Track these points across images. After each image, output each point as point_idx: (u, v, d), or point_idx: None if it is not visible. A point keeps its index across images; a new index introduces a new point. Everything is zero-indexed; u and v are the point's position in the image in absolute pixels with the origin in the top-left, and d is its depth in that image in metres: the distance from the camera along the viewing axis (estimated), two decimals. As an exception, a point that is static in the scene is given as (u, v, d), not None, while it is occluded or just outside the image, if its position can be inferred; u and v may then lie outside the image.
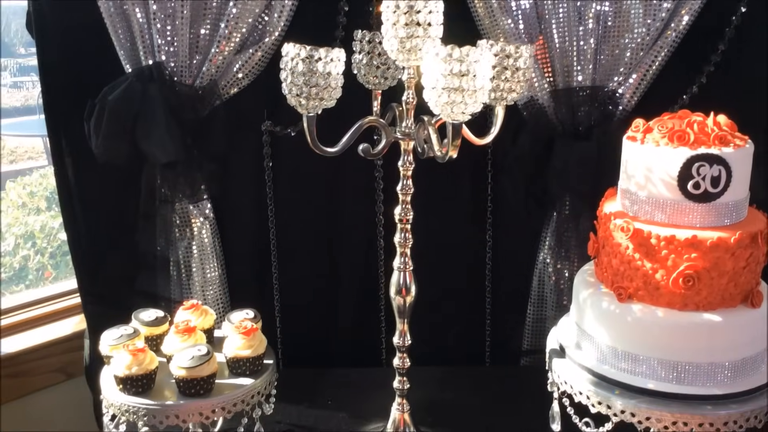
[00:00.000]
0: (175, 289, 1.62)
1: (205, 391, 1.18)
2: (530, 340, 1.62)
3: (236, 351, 1.22)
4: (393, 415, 1.29)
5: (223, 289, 1.62)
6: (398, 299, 1.22)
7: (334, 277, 1.65)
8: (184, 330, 1.24)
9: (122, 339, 1.24)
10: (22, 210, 2.66)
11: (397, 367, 1.26)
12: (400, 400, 1.28)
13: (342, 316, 1.67)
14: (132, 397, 1.18)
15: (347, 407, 1.46)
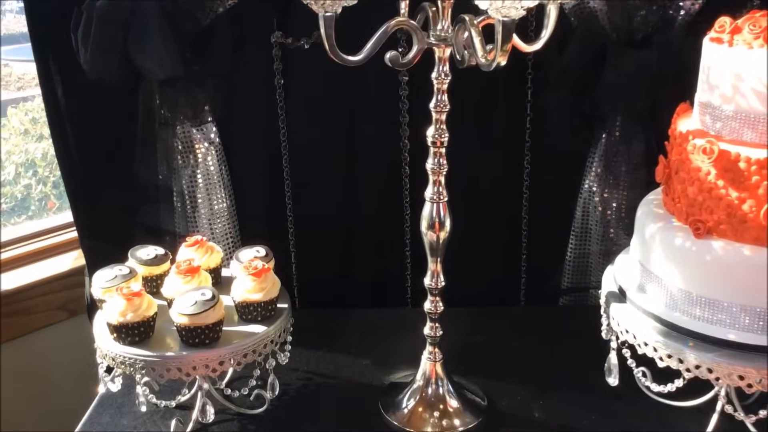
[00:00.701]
0: (180, 222, 1.47)
1: (211, 341, 1.03)
2: (571, 278, 1.47)
3: (246, 294, 1.07)
4: (423, 366, 1.14)
5: (232, 222, 1.47)
6: (430, 235, 1.05)
7: (354, 209, 1.49)
8: (186, 270, 1.08)
9: (116, 281, 1.09)
10: (24, 137, 2.54)
11: (429, 311, 1.11)
12: (432, 348, 1.13)
13: (363, 252, 1.52)
14: (128, 347, 1.03)
15: (370, 353, 1.32)
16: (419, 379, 1.16)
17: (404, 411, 1.15)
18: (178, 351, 1.02)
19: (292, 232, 1.53)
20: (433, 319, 1.12)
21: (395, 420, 1.14)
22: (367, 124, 1.43)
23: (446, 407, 1.12)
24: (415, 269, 1.52)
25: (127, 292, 1.02)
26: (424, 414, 1.12)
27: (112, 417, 1.16)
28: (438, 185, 1.05)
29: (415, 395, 1.15)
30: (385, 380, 1.24)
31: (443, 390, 1.13)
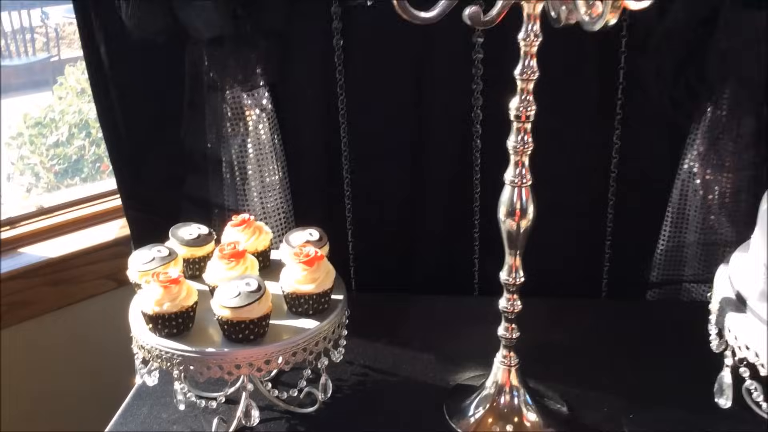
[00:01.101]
0: (229, 195, 1.35)
1: (256, 336, 0.91)
2: (662, 270, 1.30)
3: (296, 285, 0.94)
4: (496, 371, 1.01)
5: (285, 196, 1.34)
6: (509, 223, 0.91)
7: (418, 185, 1.34)
8: (230, 255, 0.96)
9: (154, 264, 0.98)
10: (81, 97, 2.48)
11: (504, 310, 0.96)
12: (506, 352, 0.99)
13: (427, 232, 1.37)
14: (164, 339, 0.92)
15: (434, 347, 1.19)
16: (490, 385, 1.02)
17: (470, 419, 1.01)
18: (219, 346, 0.90)
19: (350, 209, 1.40)
20: (509, 319, 0.98)
21: (460, 428, 1.01)
22: (435, 91, 1.28)
23: (522, 420, 0.99)
24: (483, 253, 1.38)
25: (165, 279, 0.91)
26: (495, 426, 0.99)
27: (150, 409, 1.06)
28: (521, 167, 0.90)
29: (485, 403, 1.01)
30: (451, 381, 1.11)
31: (518, 400, 0.99)
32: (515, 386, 1.00)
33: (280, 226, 1.35)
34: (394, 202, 1.37)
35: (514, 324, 0.98)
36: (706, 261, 1.25)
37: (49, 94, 2.42)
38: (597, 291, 1.38)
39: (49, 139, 2.36)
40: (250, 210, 1.33)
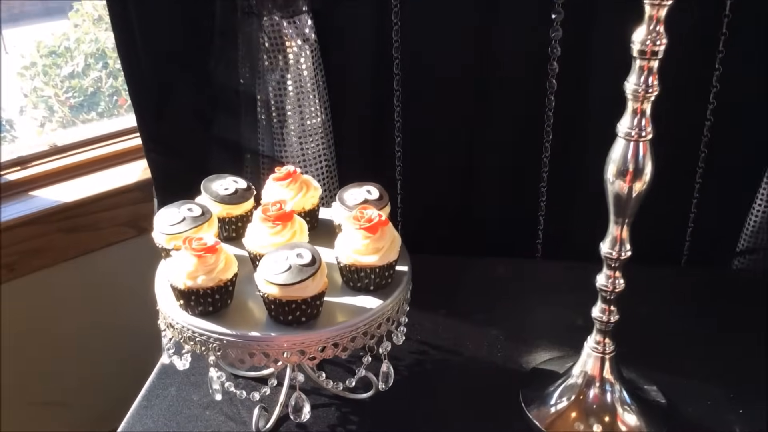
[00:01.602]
0: (264, 139, 1.19)
1: (308, 318, 0.76)
2: (754, 237, 1.13)
3: (355, 257, 0.78)
4: (586, 359, 0.86)
5: (327, 142, 1.18)
6: (619, 185, 0.74)
7: (479, 130, 1.18)
8: (276, 217, 0.80)
9: (183, 225, 0.82)
10: (98, 24, 2.29)
11: (603, 288, 0.81)
12: (600, 338, 0.83)
13: (487, 185, 1.21)
14: (198, 319, 0.76)
15: (500, 320, 1.03)
16: (577, 374, 0.86)
17: (550, 410, 0.87)
18: (264, 329, 0.75)
19: (400, 157, 1.23)
20: (607, 299, 0.82)
21: (538, 420, 0.86)
22: (504, 20, 1.09)
23: (615, 420, 0.84)
24: (550, 211, 1.21)
25: (199, 246, 0.75)
26: (579, 423, 0.84)
27: (178, 390, 0.92)
28: (640, 115, 0.72)
29: (570, 394, 0.86)
30: (523, 362, 0.96)
31: (612, 396, 0.85)
32: (608, 379, 0.85)
33: (322, 175, 1.18)
34: (450, 150, 1.20)
35: (614, 306, 0.82)
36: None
37: (65, 22, 2.25)
38: (677, 256, 1.21)
39: (63, 70, 2.20)
40: (289, 157, 1.17)
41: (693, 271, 1.18)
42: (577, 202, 1.19)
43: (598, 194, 0.79)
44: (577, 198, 1.19)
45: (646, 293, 1.04)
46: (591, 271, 0.82)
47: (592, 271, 0.82)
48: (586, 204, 0.97)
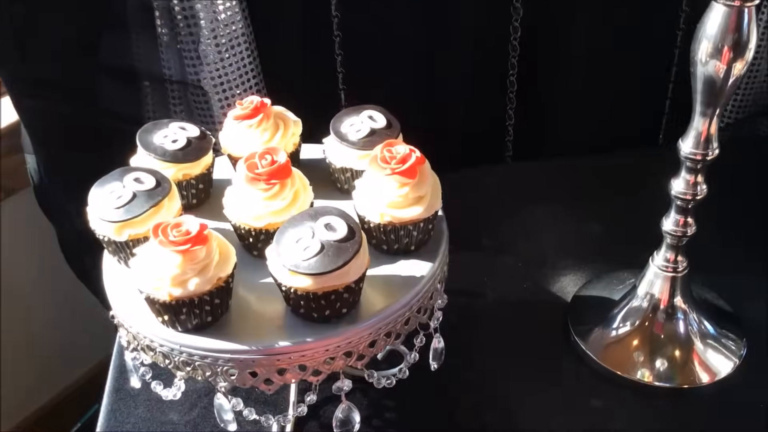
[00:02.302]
0: (168, 57, 0.93)
1: (350, 308, 0.55)
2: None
3: (393, 212, 0.58)
4: (653, 280, 0.71)
5: (252, 53, 0.93)
6: (714, 65, 0.58)
7: (437, 16, 0.95)
8: (270, 174, 0.57)
9: (139, 205, 0.58)
10: None
11: (680, 196, 0.66)
12: (672, 255, 0.69)
13: (449, 81, 1.02)
14: (195, 336, 0.54)
15: (507, 243, 0.87)
16: (642, 295, 0.72)
17: (608, 338, 0.73)
18: (293, 335, 0.54)
19: (342, 61, 1.01)
20: (684, 209, 0.67)
21: (593, 351, 0.72)
22: None
23: (687, 352, 0.71)
24: (520, 114, 1.05)
25: (180, 237, 0.51)
26: (641, 351, 0.71)
27: (150, 410, 0.70)
28: (749, -25, 0.54)
29: (633, 318, 0.73)
30: (558, 291, 0.80)
31: (684, 326, 0.71)
32: (679, 305, 0.71)
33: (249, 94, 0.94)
34: (403, 47, 0.99)
35: (691, 217, 0.67)
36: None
37: None
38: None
39: None
40: (206, 79, 0.92)
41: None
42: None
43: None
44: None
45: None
46: (574, 169, 0.65)
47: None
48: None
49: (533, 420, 0.68)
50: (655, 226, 0.70)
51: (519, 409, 0.69)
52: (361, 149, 0.64)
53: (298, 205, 0.59)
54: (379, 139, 0.64)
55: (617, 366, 0.71)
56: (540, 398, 0.70)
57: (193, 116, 1.02)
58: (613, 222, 0.90)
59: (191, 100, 1.00)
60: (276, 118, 0.67)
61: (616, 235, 0.88)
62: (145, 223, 0.58)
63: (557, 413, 0.68)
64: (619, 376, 0.70)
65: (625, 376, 0.70)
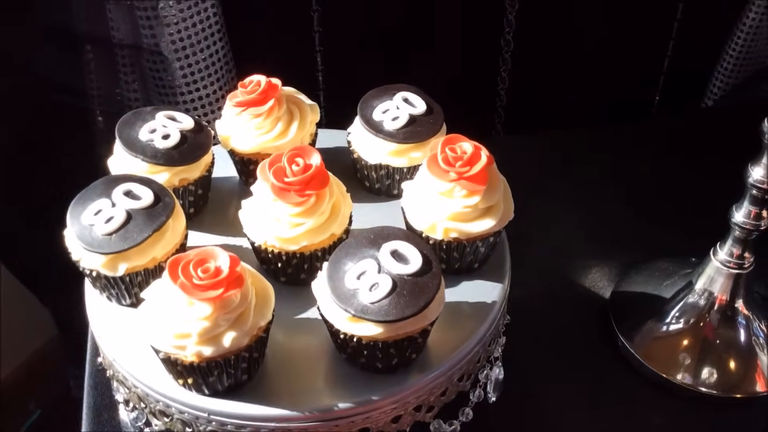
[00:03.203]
0: (117, 19, 0.78)
1: (419, 352, 0.45)
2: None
3: (460, 227, 0.47)
4: (713, 276, 0.63)
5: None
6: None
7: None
8: (303, 184, 0.45)
9: (137, 232, 0.44)
10: None
11: (759, 186, 0.57)
12: (739, 249, 0.61)
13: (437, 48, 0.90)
14: (231, 402, 0.42)
15: (523, 230, 0.77)
16: (700, 291, 0.64)
17: (656, 334, 0.65)
18: (357, 392, 0.43)
19: (318, 18, 0.88)
20: (759, 200, 0.59)
21: (637, 350, 0.64)
22: None
23: (745, 359, 0.63)
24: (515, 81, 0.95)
25: (208, 280, 0.39)
26: (690, 353, 0.64)
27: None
28: None
29: (688, 316, 0.65)
30: (595, 287, 0.72)
31: (744, 332, 0.63)
32: (741, 311, 0.63)
33: (218, 71, 0.81)
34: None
35: (766, 209, 0.59)
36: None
37: None
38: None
39: None
40: (164, 40, 0.78)
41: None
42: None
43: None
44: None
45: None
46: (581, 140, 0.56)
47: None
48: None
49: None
50: (683, 209, 0.61)
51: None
52: (402, 142, 0.52)
53: (338, 221, 0.47)
54: (422, 129, 0.52)
55: (665, 369, 0.64)
56: (581, 402, 0.62)
57: (148, 86, 0.87)
58: (637, 202, 0.81)
59: (146, 67, 0.85)
60: (289, 103, 0.54)
61: (642, 217, 0.80)
62: (145, 253, 0.45)
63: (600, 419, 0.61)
64: (666, 379, 0.63)
65: (674, 380, 0.63)
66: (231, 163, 0.57)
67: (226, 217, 0.54)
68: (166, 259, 0.46)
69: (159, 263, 0.46)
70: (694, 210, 0.79)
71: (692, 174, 0.85)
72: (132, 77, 0.87)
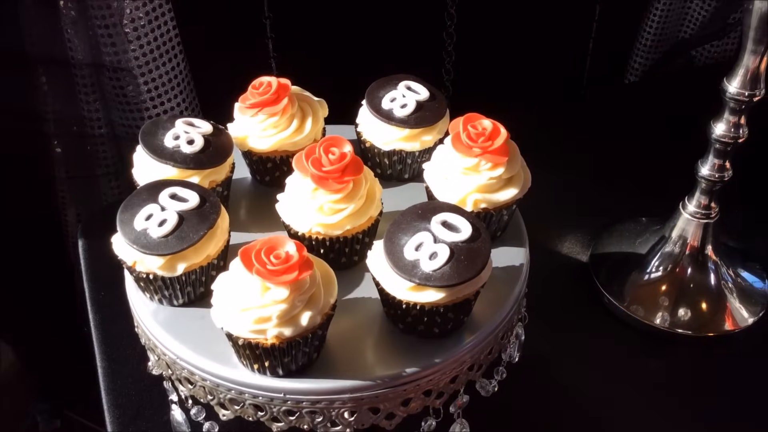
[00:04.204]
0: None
1: (468, 316, 0.48)
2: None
3: (488, 197, 0.51)
4: (684, 227, 0.70)
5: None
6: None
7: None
8: (341, 171, 0.48)
9: (201, 230, 0.46)
10: None
11: (722, 140, 0.64)
12: (706, 200, 0.68)
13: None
14: (303, 380, 0.45)
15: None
16: (675, 238, 0.71)
17: (637, 282, 0.71)
18: (417, 359, 0.46)
19: (271, 25, 0.90)
20: (724, 153, 0.65)
21: (617, 299, 0.71)
22: None
23: (714, 300, 0.70)
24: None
25: (281, 266, 0.42)
26: (664, 298, 0.70)
27: None
28: None
29: (666, 263, 0.71)
30: (570, 251, 0.78)
31: (715, 276, 0.70)
32: (711, 257, 0.70)
33: (176, 68, 0.82)
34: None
35: (728, 161, 0.66)
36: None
37: None
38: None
39: None
40: (127, 57, 0.79)
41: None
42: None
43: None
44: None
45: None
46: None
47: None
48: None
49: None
50: (629, 176, 0.67)
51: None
52: (414, 127, 0.56)
53: (375, 203, 0.50)
54: (429, 114, 0.56)
55: (649, 316, 0.70)
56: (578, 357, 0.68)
57: (110, 104, 0.87)
58: (589, 174, 0.88)
59: (108, 85, 0.85)
60: (299, 101, 0.56)
61: (598, 187, 0.87)
62: (200, 252, 0.47)
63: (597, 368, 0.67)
64: (651, 325, 0.69)
65: (655, 324, 0.69)
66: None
67: (249, 212, 0.56)
68: (218, 256, 0.48)
69: (211, 260, 0.47)
70: (637, 177, 0.87)
71: (628, 145, 0.93)
72: (93, 97, 0.86)
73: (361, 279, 0.51)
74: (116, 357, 0.65)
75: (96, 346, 0.67)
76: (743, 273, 0.74)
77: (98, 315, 0.69)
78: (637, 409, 0.64)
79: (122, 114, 0.87)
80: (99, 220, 0.79)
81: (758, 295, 0.73)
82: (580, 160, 0.91)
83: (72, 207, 0.93)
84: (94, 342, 0.68)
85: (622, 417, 0.64)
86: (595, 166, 0.90)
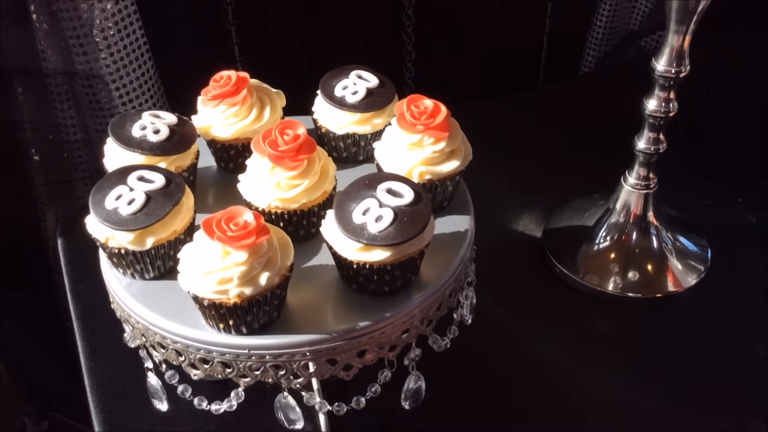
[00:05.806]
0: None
1: (415, 274, 0.53)
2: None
3: (432, 169, 0.56)
4: (626, 198, 0.75)
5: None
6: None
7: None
8: (295, 150, 0.53)
9: (167, 207, 0.51)
10: None
11: (654, 114, 0.69)
12: (644, 171, 0.73)
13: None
14: (266, 337, 0.49)
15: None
16: (620, 209, 0.76)
17: (587, 253, 0.77)
18: (371, 313, 0.51)
19: (236, 31, 0.95)
20: (657, 127, 0.71)
21: (569, 269, 0.76)
22: None
23: (663, 268, 0.76)
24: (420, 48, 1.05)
25: (240, 232, 0.46)
26: (614, 264, 0.76)
27: (131, 408, 0.63)
28: None
29: (613, 233, 0.76)
30: (525, 228, 0.83)
31: (657, 241, 0.76)
32: (652, 222, 0.76)
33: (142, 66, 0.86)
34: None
35: (663, 134, 0.71)
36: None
37: None
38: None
39: None
40: (99, 65, 0.83)
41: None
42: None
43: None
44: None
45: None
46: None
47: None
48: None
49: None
50: (580, 160, 0.73)
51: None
52: (365, 111, 0.60)
53: (328, 179, 0.55)
54: (379, 99, 0.61)
55: (600, 283, 0.75)
56: (533, 323, 0.73)
57: (83, 111, 0.91)
58: (542, 159, 0.94)
59: (81, 92, 0.89)
60: (258, 92, 0.61)
61: (550, 170, 0.92)
62: (167, 227, 0.51)
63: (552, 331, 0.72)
64: (601, 291, 0.75)
65: (608, 291, 0.75)
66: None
67: (214, 196, 0.60)
68: (184, 232, 0.52)
69: (178, 235, 0.52)
70: (588, 160, 0.92)
71: (582, 131, 0.98)
72: (68, 104, 0.90)
73: (318, 249, 0.55)
74: (96, 342, 0.69)
75: (77, 334, 0.71)
76: (682, 239, 0.79)
77: (78, 305, 0.73)
78: (587, 367, 0.69)
79: (95, 119, 0.91)
80: (76, 218, 0.83)
81: (697, 258, 0.78)
82: (537, 146, 0.96)
83: (50, 211, 0.97)
84: (75, 331, 0.72)
85: (572, 375, 0.69)
86: (550, 150, 0.95)
